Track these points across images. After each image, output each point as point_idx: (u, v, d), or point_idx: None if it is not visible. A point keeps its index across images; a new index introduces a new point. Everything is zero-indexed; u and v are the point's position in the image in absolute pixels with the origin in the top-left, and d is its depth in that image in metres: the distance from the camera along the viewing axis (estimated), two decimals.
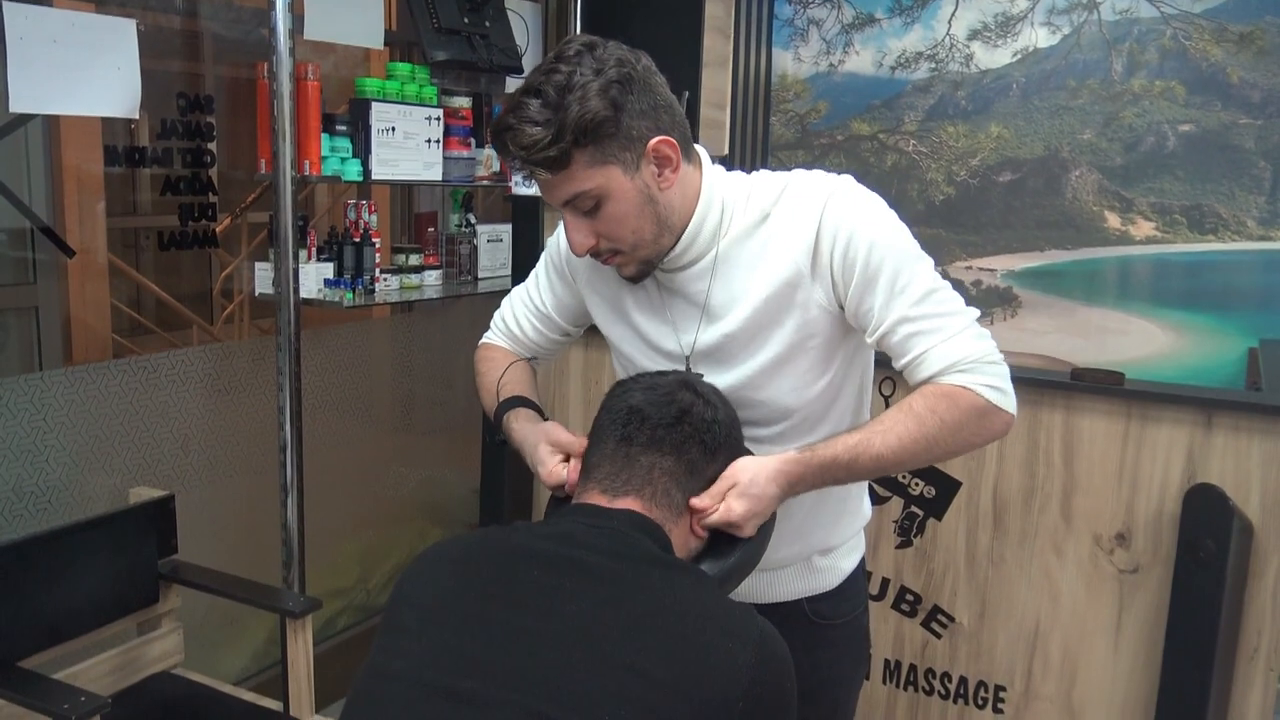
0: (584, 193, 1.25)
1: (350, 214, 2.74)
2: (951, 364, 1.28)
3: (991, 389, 1.28)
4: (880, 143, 3.49)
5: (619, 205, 1.27)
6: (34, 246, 2.48)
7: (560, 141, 1.20)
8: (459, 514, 3.44)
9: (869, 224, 1.30)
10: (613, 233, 1.29)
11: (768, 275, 1.33)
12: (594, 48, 1.24)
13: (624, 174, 1.26)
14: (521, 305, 1.62)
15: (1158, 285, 3.19)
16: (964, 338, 1.29)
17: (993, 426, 1.30)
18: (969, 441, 1.30)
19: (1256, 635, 1.99)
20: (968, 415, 1.27)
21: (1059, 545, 2.13)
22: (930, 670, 2.28)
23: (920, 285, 1.30)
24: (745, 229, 1.35)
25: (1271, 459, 1.95)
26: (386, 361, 3.22)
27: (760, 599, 1.48)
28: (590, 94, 1.20)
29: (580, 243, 1.30)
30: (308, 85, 2.41)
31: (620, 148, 1.24)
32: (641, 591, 1.10)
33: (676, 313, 1.41)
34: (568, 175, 1.24)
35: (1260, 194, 3.03)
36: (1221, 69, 3.03)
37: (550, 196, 1.29)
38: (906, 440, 1.27)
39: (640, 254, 1.33)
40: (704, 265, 1.36)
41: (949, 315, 1.30)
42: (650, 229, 1.31)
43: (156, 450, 2.48)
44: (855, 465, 1.28)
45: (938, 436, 1.27)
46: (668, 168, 1.29)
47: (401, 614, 1.14)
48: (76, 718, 1.69)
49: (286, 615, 2.13)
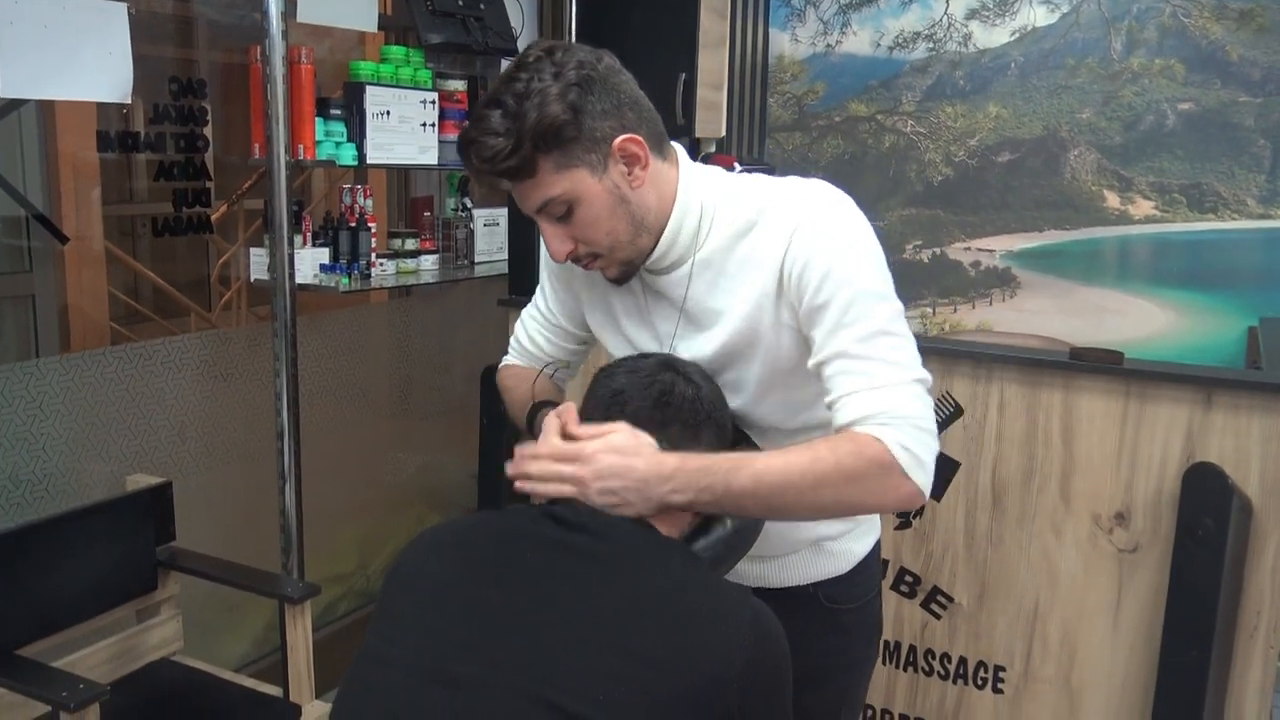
0: (553, 199, 1.23)
1: (346, 199, 2.73)
2: (873, 414, 1.17)
3: (905, 450, 1.16)
4: (878, 123, 3.47)
5: (590, 208, 1.24)
6: (29, 234, 2.47)
7: (520, 150, 1.18)
8: (457, 499, 3.44)
9: (830, 253, 1.23)
10: (588, 236, 1.27)
11: (747, 292, 1.29)
12: (553, 52, 1.21)
13: (591, 176, 1.23)
14: (532, 321, 1.58)
15: (1157, 264, 3.18)
16: (898, 391, 1.18)
17: (897, 491, 1.17)
18: (864, 499, 1.20)
19: (1255, 614, 1.99)
20: (869, 468, 1.16)
21: (1058, 525, 2.13)
22: (930, 651, 2.28)
23: (870, 324, 1.21)
24: (728, 238, 1.30)
25: (1271, 438, 1.95)
26: (384, 347, 3.21)
27: (772, 584, 1.48)
28: (549, 99, 1.18)
29: (558, 249, 1.28)
30: (301, 69, 2.40)
31: (584, 150, 1.21)
32: (636, 573, 1.09)
33: (658, 316, 1.38)
34: (535, 183, 1.22)
35: (1260, 172, 3.02)
36: (1221, 47, 3.02)
37: (522, 206, 1.27)
38: (792, 471, 1.17)
39: (619, 255, 1.30)
40: (684, 271, 1.33)
41: (890, 364, 1.20)
42: (625, 229, 1.27)
43: (154, 437, 2.48)
44: (732, 477, 1.17)
45: (827, 478, 1.16)
46: (636, 165, 1.25)
47: (396, 600, 1.14)
48: (75, 705, 1.69)
49: (286, 601, 2.13)
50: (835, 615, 1.51)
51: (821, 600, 1.50)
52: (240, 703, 2.16)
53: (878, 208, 3.36)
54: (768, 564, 1.48)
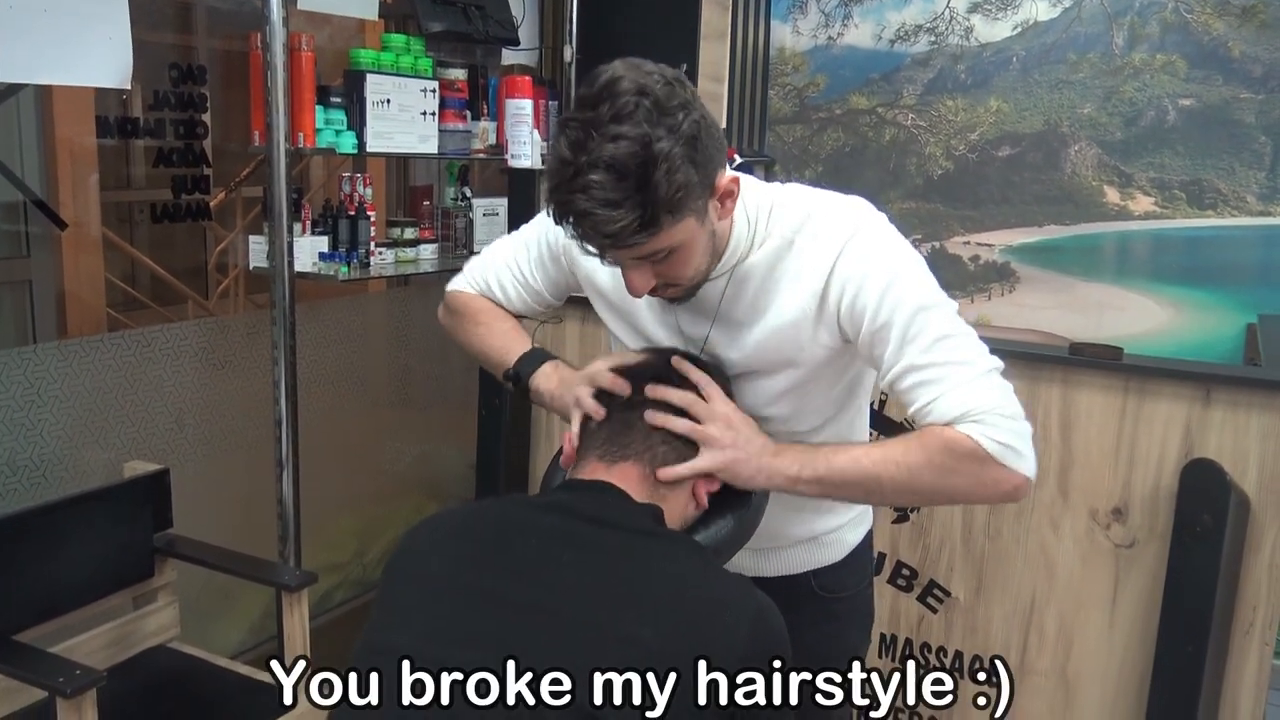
0: (660, 250, 1.19)
1: (345, 187, 2.72)
2: (960, 415, 1.20)
3: (997, 443, 1.18)
4: (879, 117, 3.46)
5: (690, 251, 1.22)
6: (27, 219, 2.46)
7: (654, 226, 1.13)
8: (455, 489, 3.44)
9: (883, 272, 1.25)
10: (678, 274, 1.24)
11: (781, 310, 1.30)
12: (645, 92, 1.11)
13: (698, 221, 1.20)
14: (508, 272, 1.56)
15: (1156, 261, 3.18)
16: (974, 387, 1.21)
17: (999, 486, 1.20)
18: (964, 489, 1.23)
19: (1252, 610, 1.99)
20: (961, 461, 1.19)
21: (1055, 520, 2.13)
22: (926, 644, 2.28)
23: (931, 332, 1.23)
24: (768, 254, 1.30)
25: (1269, 434, 1.95)
26: (382, 336, 3.21)
27: (765, 573, 1.50)
28: (676, 165, 1.11)
29: (641, 287, 1.23)
30: (301, 56, 2.39)
31: (696, 198, 1.17)
32: (637, 563, 1.09)
33: (686, 320, 1.38)
34: (649, 244, 1.17)
35: (1260, 169, 3.02)
36: (1223, 43, 3.01)
37: (620, 256, 1.21)
38: (890, 459, 1.22)
39: (693, 283, 1.29)
40: (720, 283, 1.33)
41: (959, 364, 1.22)
42: (708, 262, 1.27)
43: (151, 424, 2.47)
44: (834, 456, 1.24)
45: (921, 468, 1.20)
46: (729, 200, 1.24)
47: (397, 589, 1.14)
48: (72, 691, 1.69)
49: (282, 589, 2.13)
50: (828, 604, 1.53)
51: (815, 589, 1.53)
52: (236, 690, 2.16)
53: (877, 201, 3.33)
54: (763, 555, 1.50)
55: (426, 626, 1.08)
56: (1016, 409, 1.22)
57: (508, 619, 1.06)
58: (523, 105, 2.81)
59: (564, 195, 1.12)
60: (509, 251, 1.58)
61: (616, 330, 1.48)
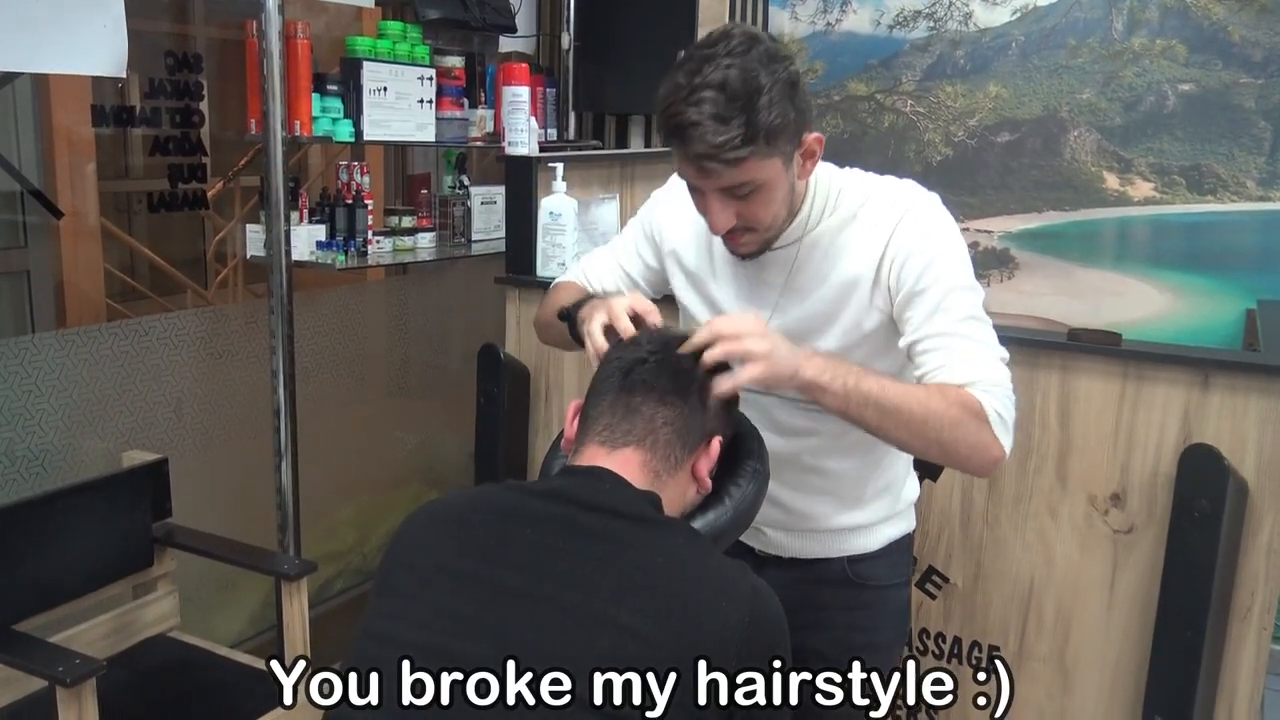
0: (747, 183, 1.29)
1: (342, 175, 2.71)
2: (972, 380, 1.31)
3: (997, 415, 1.30)
4: (877, 103, 3.45)
5: (771, 194, 1.32)
6: (24, 209, 2.46)
7: (753, 144, 1.23)
8: (454, 477, 3.44)
9: (932, 245, 1.37)
10: (757, 215, 1.34)
11: (841, 273, 1.41)
12: (755, 40, 1.25)
13: (783, 166, 1.30)
14: (606, 270, 1.66)
15: (1156, 246, 3.18)
16: (987, 364, 1.33)
17: (988, 450, 1.30)
18: (960, 444, 1.29)
19: (1250, 595, 1.99)
20: (970, 420, 1.28)
21: (1054, 506, 2.13)
22: (924, 630, 2.29)
23: (963, 310, 1.35)
24: (834, 225, 1.42)
25: (1268, 419, 1.94)
26: (380, 325, 3.21)
27: (801, 554, 1.56)
28: (777, 97, 1.23)
29: (723, 223, 1.34)
30: (297, 44, 2.38)
31: (787, 142, 1.28)
32: (635, 550, 1.09)
33: (756, 291, 1.47)
34: (740, 169, 1.27)
35: (1260, 154, 3.01)
36: (1223, 27, 3.00)
37: (707, 182, 1.30)
38: (911, 396, 1.28)
39: (768, 234, 1.39)
40: (791, 251, 1.43)
41: (978, 342, 1.34)
42: (785, 213, 1.38)
43: (150, 414, 2.47)
44: (862, 378, 1.27)
45: (937, 415, 1.27)
46: (811, 160, 1.35)
47: (395, 576, 1.14)
48: (72, 680, 1.69)
49: (282, 578, 2.13)
50: (861, 591, 1.57)
51: (849, 574, 1.57)
52: (236, 679, 2.17)
53: None
54: (800, 537, 1.56)
55: (424, 614, 1.08)
56: (1012, 396, 1.34)
57: (505, 606, 1.06)
58: (520, 93, 2.80)
59: (677, 109, 1.24)
60: (607, 253, 1.68)
61: (690, 303, 1.55)
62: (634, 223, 1.65)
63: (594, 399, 1.25)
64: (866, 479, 1.55)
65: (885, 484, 1.57)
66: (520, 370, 2.57)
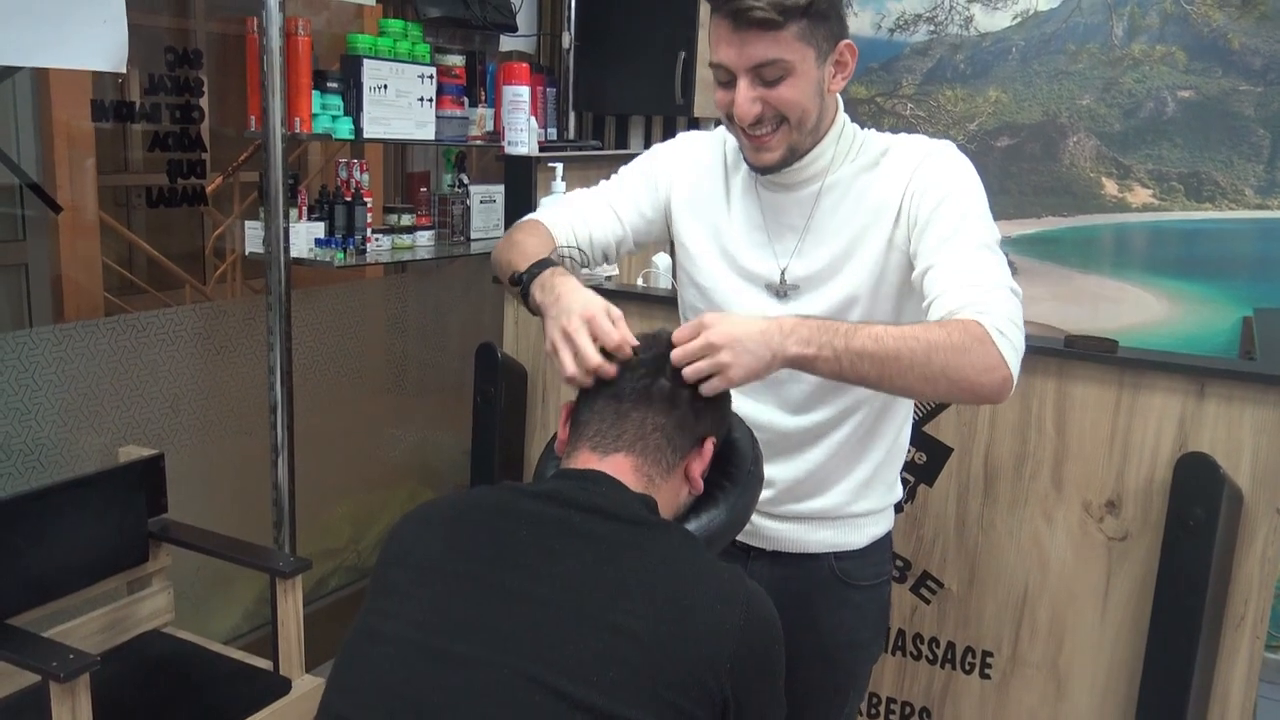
0: (778, 61, 1.30)
1: (342, 173, 2.71)
2: (972, 303, 1.27)
3: (1001, 335, 1.24)
4: (878, 106, 3.46)
5: (799, 85, 1.33)
6: (23, 203, 2.45)
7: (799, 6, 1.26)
8: (450, 476, 3.44)
9: (951, 179, 1.38)
10: (786, 101, 1.34)
11: (864, 214, 1.42)
12: None
13: (816, 60, 1.33)
14: (596, 215, 1.57)
15: (1153, 253, 3.18)
16: (996, 293, 1.30)
17: (993, 373, 1.24)
18: (968, 371, 1.23)
19: (1243, 604, 2.00)
20: (973, 343, 1.24)
21: (1049, 512, 2.13)
22: (918, 635, 2.29)
23: (977, 239, 1.34)
24: (856, 168, 1.43)
25: (1263, 428, 1.95)
26: (378, 322, 3.21)
27: (787, 547, 1.54)
28: None
29: (748, 110, 1.34)
30: (298, 41, 2.38)
31: (824, 37, 1.32)
32: (630, 552, 1.09)
33: (774, 234, 1.47)
34: (775, 39, 1.29)
35: (1259, 162, 3.01)
36: (1223, 34, 3.01)
37: (740, 56, 1.31)
38: (907, 336, 1.24)
39: (794, 138, 1.38)
40: (812, 190, 1.44)
41: (988, 271, 1.32)
42: (813, 116, 1.37)
43: (146, 409, 2.47)
44: (852, 336, 1.23)
45: (938, 346, 1.23)
46: (841, 73, 1.38)
47: (391, 575, 1.14)
48: (65, 675, 1.69)
49: (277, 575, 2.13)
50: (847, 590, 1.56)
51: (836, 573, 1.55)
52: (230, 675, 2.17)
53: None
54: (788, 524, 1.53)
55: (419, 613, 1.08)
56: (1022, 323, 1.31)
57: (500, 607, 1.06)
58: (520, 92, 2.80)
59: None
60: (592, 192, 1.62)
61: (701, 257, 1.52)
62: (631, 170, 1.60)
63: (585, 403, 1.25)
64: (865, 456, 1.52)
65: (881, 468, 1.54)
66: (518, 370, 2.57)
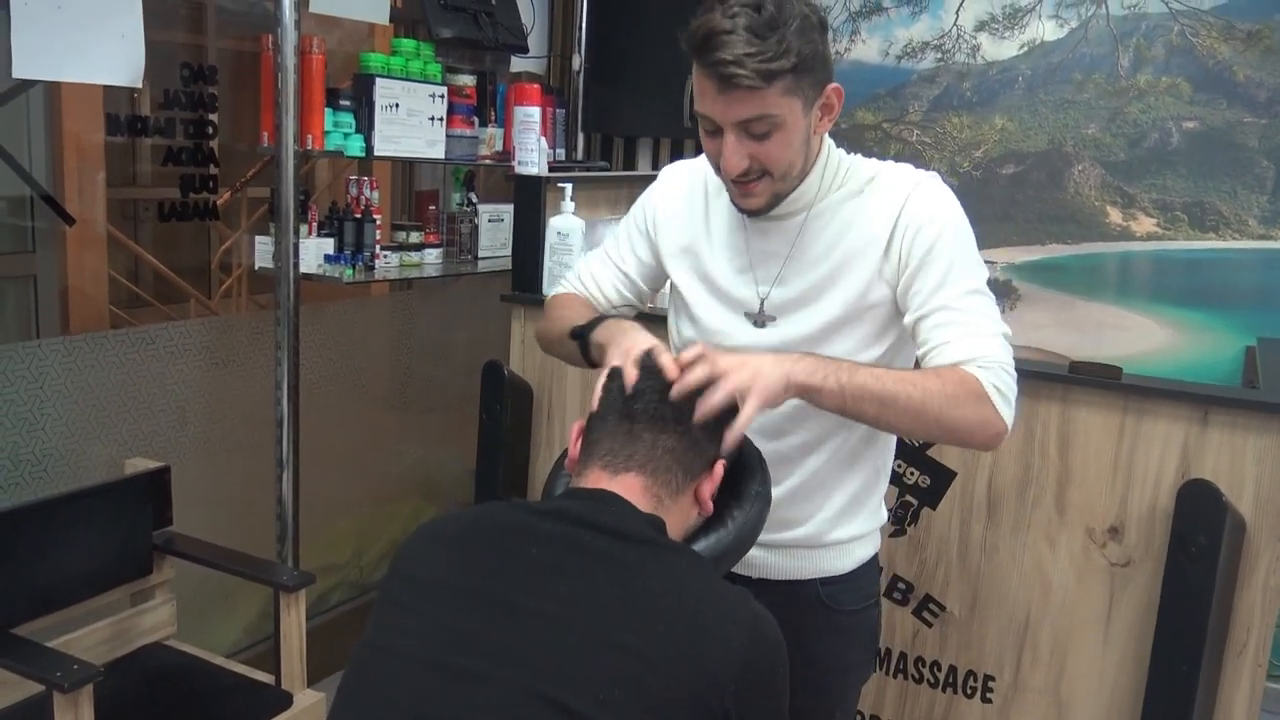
0: (765, 117, 1.30)
1: (352, 190, 2.73)
2: (972, 357, 1.32)
3: (997, 390, 1.31)
4: (884, 132, 3.48)
5: (787, 136, 1.32)
6: (33, 214, 2.47)
7: (782, 60, 1.25)
8: (454, 493, 3.44)
9: (943, 217, 1.39)
10: (772, 157, 1.34)
11: (850, 243, 1.42)
12: None
13: (803, 109, 1.32)
14: (600, 266, 1.65)
15: (1157, 281, 3.19)
16: (988, 340, 1.34)
17: (985, 423, 1.31)
18: (960, 423, 1.30)
19: (1245, 631, 2.00)
20: (969, 396, 1.29)
21: (1052, 537, 2.13)
22: (920, 659, 2.29)
23: (969, 284, 1.37)
24: (843, 195, 1.43)
25: (1266, 456, 1.95)
26: (385, 339, 3.22)
27: (773, 575, 1.53)
28: (809, 27, 1.27)
29: (736, 165, 1.34)
30: (312, 59, 2.41)
31: (810, 85, 1.31)
32: (638, 572, 1.10)
33: (757, 261, 1.47)
34: (761, 97, 1.27)
35: (1262, 193, 3.03)
36: (1228, 66, 3.03)
37: (726, 113, 1.31)
38: (906, 380, 1.29)
39: (779, 186, 1.38)
40: (797, 220, 1.44)
41: (985, 318, 1.36)
42: (799, 164, 1.38)
43: (153, 422, 2.48)
44: (855, 372, 1.28)
45: (935, 395, 1.28)
46: (828, 115, 1.37)
47: (399, 590, 1.15)
48: (69, 686, 1.69)
49: (280, 589, 2.14)
50: (835, 616, 1.55)
51: (823, 599, 1.54)
52: (232, 689, 2.16)
53: None
54: (773, 553, 1.52)
55: (426, 628, 1.09)
56: (1012, 367, 1.35)
57: (508, 623, 1.06)
58: (531, 112, 2.82)
59: (711, 20, 1.26)
60: (600, 250, 1.68)
61: (687, 287, 1.54)
62: (624, 222, 1.65)
63: (597, 422, 1.26)
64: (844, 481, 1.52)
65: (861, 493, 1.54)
66: (523, 388, 2.58)
